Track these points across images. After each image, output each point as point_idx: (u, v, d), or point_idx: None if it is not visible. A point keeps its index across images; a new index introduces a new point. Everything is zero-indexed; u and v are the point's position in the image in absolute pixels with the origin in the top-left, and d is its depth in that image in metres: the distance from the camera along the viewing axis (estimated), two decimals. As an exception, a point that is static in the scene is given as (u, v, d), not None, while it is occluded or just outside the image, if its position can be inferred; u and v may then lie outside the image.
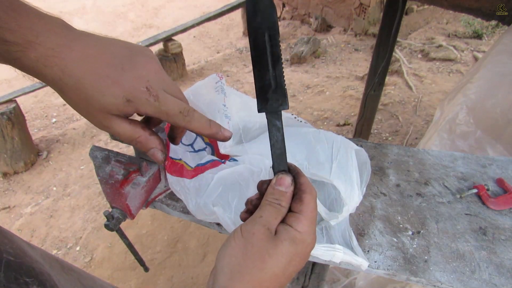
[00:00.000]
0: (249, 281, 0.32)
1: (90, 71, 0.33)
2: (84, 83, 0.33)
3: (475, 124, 1.23)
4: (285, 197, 0.37)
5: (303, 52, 3.91)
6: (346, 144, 0.61)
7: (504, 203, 0.67)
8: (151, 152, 0.41)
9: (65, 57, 0.32)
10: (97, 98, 0.34)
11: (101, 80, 0.33)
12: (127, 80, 0.35)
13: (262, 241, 0.33)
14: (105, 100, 0.34)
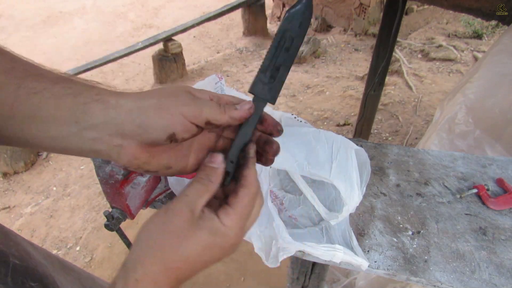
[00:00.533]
0: (160, 258, 0.31)
1: (143, 115, 0.34)
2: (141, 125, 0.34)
3: (474, 123, 1.23)
4: (215, 173, 0.35)
5: (303, 52, 3.91)
6: (346, 144, 0.61)
7: (504, 203, 0.67)
8: (239, 105, 0.38)
9: (124, 108, 0.34)
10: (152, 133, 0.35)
11: (151, 119, 0.34)
12: (169, 116, 0.35)
13: (182, 221, 0.32)
14: (158, 135, 0.35)
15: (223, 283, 1.83)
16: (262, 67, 0.40)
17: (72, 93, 0.33)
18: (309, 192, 0.66)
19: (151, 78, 3.83)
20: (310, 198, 0.66)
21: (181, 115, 0.34)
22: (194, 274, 0.34)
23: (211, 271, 1.88)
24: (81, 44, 4.70)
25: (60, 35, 4.88)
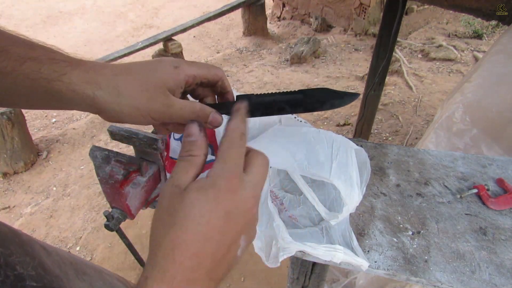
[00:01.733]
0: (167, 244, 0.28)
1: (137, 64, 0.40)
2: (137, 70, 0.39)
3: (471, 122, 1.24)
4: (195, 145, 0.35)
5: (303, 52, 3.91)
6: (346, 143, 0.61)
7: (504, 203, 0.67)
8: (211, 116, 0.43)
9: (109, 70, 0.38)
10: (153, 75, 0.39)
11: (149, 64, 0.40)
12: (167, 59, 0.41)
13: (169, 199, 0.31)
14: (159, 74, 0.39)
15: (223, 283, 1.83)
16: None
17: (47, 74, 0.35)
18: (309, 192, 0.66)
19: (151, 78, 3.83)
20: (310, 198, 0.66)
21: (152, 120, 0.40)
22: (225, 257, 0.30)
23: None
24: (81, 44, 4.70)
25: (60, 35, 4.88)
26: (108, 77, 0.37)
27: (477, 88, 1.27)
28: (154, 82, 0.38)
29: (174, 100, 0.40)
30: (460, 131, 1.25)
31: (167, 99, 0.39)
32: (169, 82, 0.39)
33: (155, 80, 0.39)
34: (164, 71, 0.39)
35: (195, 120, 0.38)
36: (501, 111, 1.18)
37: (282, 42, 4.55)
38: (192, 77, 0.42)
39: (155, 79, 0.39)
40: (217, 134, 0.66)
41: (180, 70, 0.40)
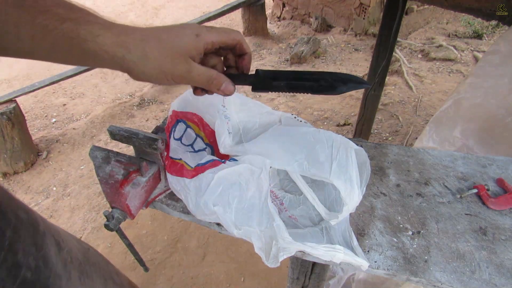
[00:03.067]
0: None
1: (163, 30, 0.44)
2: (163, 36, 0.43)
3: (461, 117, 1.29)
4: None
5: (303, 52, 3.91)
6: (345, 143, 0.61)
7: (504, 203, 0.67)
8: (223, 86, 0.49)
9: (138, 34, 0.42)
10: (177, 43, 0.43)
11: (173, 31, 0.44)
12: (189, 26, 0.45)
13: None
14: (183, 42, 0.44)
15: (223, 283, 1.83)
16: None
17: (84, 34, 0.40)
18: (309, 192, 0.66)
19: (151, 78, 3.83)
20: (310, 198, 0.66)
21: (173, 81, 0.46)
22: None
23: (211, 271, 1.88)
24: (81, 44, 4.69)
25: (60, 35, 4.87)
26: (136, 42, 0.41)
27: (470, 87, 1.32)
28: (178, 49, 0.43)
29: (193, 67, 0.45)
30: (451, 125, 1.31)
31: (188, 65, 0.44)
32: (190, 50, 0.44)
33: (179, 48, 0.43)
34: (186, 40, 0.44)
35: None
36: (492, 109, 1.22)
37: (282, 42, 4.55)
38: (211, 44, 0.46)
39: (179, 47, 0.43)
40: (217, 134, 0.66)
41: (200, 38, 0.45)
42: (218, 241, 2.03)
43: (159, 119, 3.15)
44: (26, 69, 4.00)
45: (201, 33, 0.44)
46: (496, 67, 1.26)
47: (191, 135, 0.71)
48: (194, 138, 0.71)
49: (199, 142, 0.71)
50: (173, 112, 0.69)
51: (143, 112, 3.28)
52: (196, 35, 0.44)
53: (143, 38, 0.41)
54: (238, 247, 1.98)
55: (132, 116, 3.22)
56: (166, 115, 0.71)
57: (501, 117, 1.19)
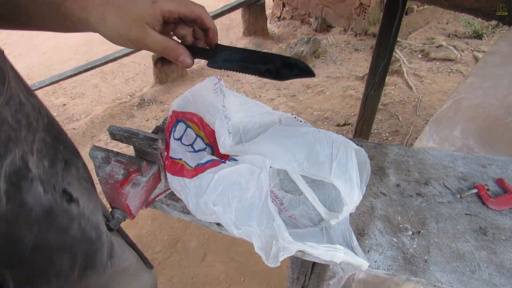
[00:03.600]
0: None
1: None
2: (120, 1, 0.44)
3: (461, 117, 1.30)
4: None
5: (303, 52, 3.91)
6: (345, 143, 0.61)
7: (504, 203, 0.67)
8: (181, 58, 0.49)
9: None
10: (132, 8, 0.44)
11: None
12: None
13: None
14: (138, 8, 0.44)
15: (223, 283, 1.83)
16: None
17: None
18: (309, 192, 0.66)
19: (151, 78, 3.84)
20: (310, 198, 0.66)
21: (131, 46, 0.47)
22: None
23: (211, 271, 1.88)
24: (81, 44, 4.70)
25: (60, 35, 4.88)
26: (96, 6, 0.43)
27: (471, 87, 1.32)
28: (133, 15, 0.44)
29: (149, 34, 0.46)
30: (451, 125, 1.32)
31: (143, 32, 0.45)
32: (146, 16, 0.45)
33: (134, 14, 0.44)
34: (142, 6, 0.45)
35: None
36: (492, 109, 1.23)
37: (282, 42, 4.55)
38: (168, 12, 0.46)
39: (133, 13, 0.44)
40: (217, 134, 0.66)
41: (156, 5, 0.45)
42: (218, 241, 2.03)
43: (159, 119, 3.15)
44: (26, 69, 4.00)
45: (158, 0, 0.46)
46: (496, 67, 1.27)
47: (191, 135, 0.71)
48: (194, 138, 0.71)
49: (199, 142, 0.71)
50: (173, 112, 0.69)
51: (143, 112, 3.29)
52: (152, 1, 0.45)
53: (102, 3, 0.43)
54: (238, 247, 1.98)
55: (132, 116, 3.23)
56: (166, 115, 0.71)
57: (501, 117, 1.19)
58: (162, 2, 0.46)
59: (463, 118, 1.29)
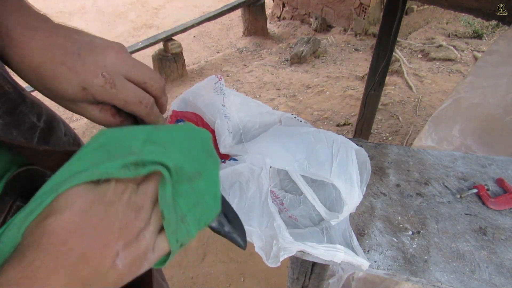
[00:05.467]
0: (38, 231, 0.26)
1: (48, 60, 0.33)
2: (41, 72, 0.33)
3: (460, 116, 1.30)
4: None
5: (303, 52, 3.91)
6: (346, 143, 0.61)
7: (504, 203, 0.67)
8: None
9: (25, 47, 0.32)
10: (55, 86, 0.34)
11: (57, 68, 0.33)
12: (82, 66, 0.34)
13: None
14: (62, 88, 0.34)
15: (223, 283, 1.83)
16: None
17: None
18: (309, 192, 0.66)
19: (151, 78, 3.83)
20: (310, 198, 0.66)
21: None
22: (95, 258, 0.27)
23: (211, 271, 1.88)
24: (81, 44, 4.68)
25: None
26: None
27: (470, 86, 1.33)
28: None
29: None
30: (450, 124, 1.32)
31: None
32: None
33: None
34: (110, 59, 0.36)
35: None
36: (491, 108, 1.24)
37: (282, 42, 4.55)
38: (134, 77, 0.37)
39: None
40: (217, 134, 0.66)
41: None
42: (218, 241, 2.03)
43: (159, 119, 3.14)
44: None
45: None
46: (495, 66, 1.27)
47: (191, 135, 0.71)
48: (194, 138, 0.71)
49: (199, 142, 0.71)
50: (173, 112, 0.69)
51: (143, 112, 3.28)
52: (83, 88, 0.35)
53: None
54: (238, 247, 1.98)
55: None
56: (166, 115, 0.71)
57: (499, 116, 1.20)
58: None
59: (462, 117, 1.29)
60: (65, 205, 0.26)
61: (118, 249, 0.28)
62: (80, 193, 0.27)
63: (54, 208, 0.26)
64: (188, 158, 0.34)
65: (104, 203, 0.27)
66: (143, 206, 0.30)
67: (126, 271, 0.29)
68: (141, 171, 0.29)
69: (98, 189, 0.28)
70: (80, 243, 0.26)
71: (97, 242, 0.27)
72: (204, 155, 0.36)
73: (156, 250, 0.31)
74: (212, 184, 0.36)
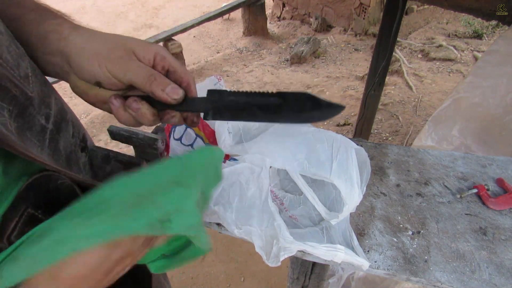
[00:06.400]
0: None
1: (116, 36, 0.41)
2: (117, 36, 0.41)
3: (460, 116, 1.31)
4: None
5: (303, 52, 3.91)
6: (346, 143, 0.61)
7: (504, 203, 0.67)
8: (168, 88, 0.39)
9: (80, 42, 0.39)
10: (124, 40, 0.41)
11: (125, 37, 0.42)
12: (147, 43, 0.42)
13: None
14: (131, 40, 0.41)
15: (223, 283, 1.83)
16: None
17: (40, 20, 0.40)
18: (309, 192, 0.66)
19: (151, 78, 3.83)
20: (310, 198, 0.66)
21: (107, 71, 0.39)
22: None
23: (211, 271, 1.88)
24: (81, 44, 4.68)
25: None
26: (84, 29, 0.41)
27: (470, 86, 1.33)
28: (123, 46, 0.40)
29: (133, 58, 0.39)
30: (450, 124, 1.33)
31: (127, 54, 0.39)
32: (137, 48, 0.40)
33: (123, 42, 0.40)
34: (135, 41, 0.41)
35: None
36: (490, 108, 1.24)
37: (282, 42, 4.55)
38: (162, 57, 0.41)
39: (124, 41, 0.40)
40: (217, 134, 0.66)
41: (153, 45, 0.41)
42: (218, 241, 2.03)
43: (159, 119, 3.14)
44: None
45: (156, 45, 0.42)
46: (495, 66, 1.27)
47: (191, 135, 0.71)
48: (194, 138, 0.71)
49: (199, 142, 0.71)
50: (173, 112, 0.69)
51: (143, 112, 3.28)
52: (148, 42, 0.41)
53: (98, 31, 0.40)
54: (238, 247, 1.98)
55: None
56: (166, 115, 0.71)
57: (499, 116, 1.20)
58: (159, 47, 0.41)
59: (461, 117, 1.30)
60: (76, 259, 0.26)
61: (115, 274, 0.30)
62: (93, 249, 0.27)
63: (71, 260, 0.27)
64: (208, 183, 0.35)
65: (113, 261, 0.28)
66: (153, 244, 0.32)
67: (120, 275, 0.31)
68: (166, 232, 0.27)
69: (111, 245, 0.28)
70: (83, 286, 0.28)
71: (100, 282, 0.29)
72: (217, 171, 0.37)
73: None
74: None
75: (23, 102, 0.38)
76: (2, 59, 0.35)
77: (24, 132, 0.37)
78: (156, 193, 0.28)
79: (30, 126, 0.39)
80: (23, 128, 0.37)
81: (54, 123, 0.44)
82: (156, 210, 0.27)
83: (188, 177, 0.31)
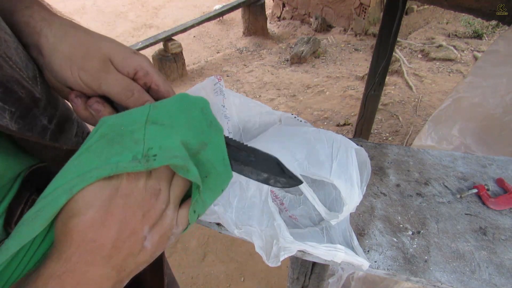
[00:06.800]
0: (66, 230, 0.29)
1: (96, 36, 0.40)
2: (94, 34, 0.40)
3: (460, 116, 1.31)
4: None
5: (303, 52, 3.91)
6: (346, 143, 0.61)
7: (504, 203, 0.67)
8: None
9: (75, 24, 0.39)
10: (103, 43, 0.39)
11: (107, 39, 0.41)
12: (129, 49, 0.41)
13: None
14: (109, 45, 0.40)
15: (223, 283, 1.83)
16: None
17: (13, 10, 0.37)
18: (309, 192, 0.66)
19: (151, 78, 3.83)
20: (310, 198, 0.66)
21: (80, 80, 0.37)
22: (125, 245, 0.30)
23: (211, 271, 1.88)
24: (81, 44, 4.68)
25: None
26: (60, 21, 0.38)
27: (470, 86, 1.33)
28: (100, 50, 0.37)
29: (111, 69, 0.37)
30: (449, 124, 1.33)
31: (103, 64, 0.37)
32: (116, 57, 0.38)
33: (98, 46, 0.37)
34: (113, 46, 0.38)
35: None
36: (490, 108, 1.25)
37: (282, 42, 4.55)
38: (145, 73, 0.38)
39: (99, 45, 0.38)
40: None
41: (136, 56, 0.38)
42: (218, 241, 2.03)
43: (159, 119, 3.14)
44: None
45: (140, 55, 0.39)
46: (495, 66, 1.27)
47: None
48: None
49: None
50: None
51: (143, 112, 3.28)
52: (133, 51, 0.39)
53: (68, 23, 0.38)
54: (238, 247, 1.98)
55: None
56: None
57: (498, 116, 1.20)
58: (143, 58, 0.39)
59: (461, 117, 1.30)
60: (85, 205, 0.28)
61: (145, 233, 0.31)
62: (96, 190, 0.29)
63: (76, 209, 0.28)
64: (191, 131, 0.34)
65: (122, 196, 0.29)
66: (160, 188, 0.32)
67: (155, 249, 0.32)
68: (152, 165, 0.29)
69: (112, 183, 0.29)
70: (108, 237, 0.29)
71: (124, 232, 0.29)
72: (206, 124, 0.36)
73: (180, 224, 0.34)
74: (219, 151, 0.36)
75: (28, 103, 0.38)
76: (12, 61, 0.35)
77: (24, 133, 0.37)
78: (134, 131, 0.31)
79: (31, 127, 0.39)
80: (24, 130, 0.37)
81: (57, 124, 0.44)
82: (137, 145, 0.30)
83: (162, 117, 0.33)
